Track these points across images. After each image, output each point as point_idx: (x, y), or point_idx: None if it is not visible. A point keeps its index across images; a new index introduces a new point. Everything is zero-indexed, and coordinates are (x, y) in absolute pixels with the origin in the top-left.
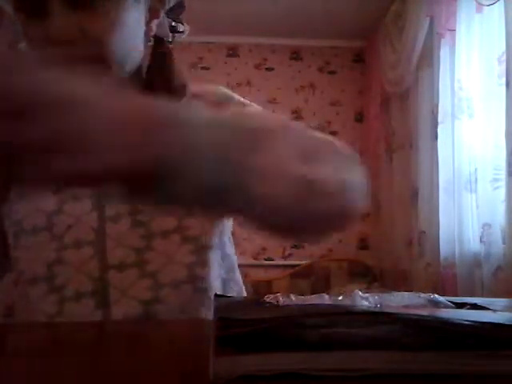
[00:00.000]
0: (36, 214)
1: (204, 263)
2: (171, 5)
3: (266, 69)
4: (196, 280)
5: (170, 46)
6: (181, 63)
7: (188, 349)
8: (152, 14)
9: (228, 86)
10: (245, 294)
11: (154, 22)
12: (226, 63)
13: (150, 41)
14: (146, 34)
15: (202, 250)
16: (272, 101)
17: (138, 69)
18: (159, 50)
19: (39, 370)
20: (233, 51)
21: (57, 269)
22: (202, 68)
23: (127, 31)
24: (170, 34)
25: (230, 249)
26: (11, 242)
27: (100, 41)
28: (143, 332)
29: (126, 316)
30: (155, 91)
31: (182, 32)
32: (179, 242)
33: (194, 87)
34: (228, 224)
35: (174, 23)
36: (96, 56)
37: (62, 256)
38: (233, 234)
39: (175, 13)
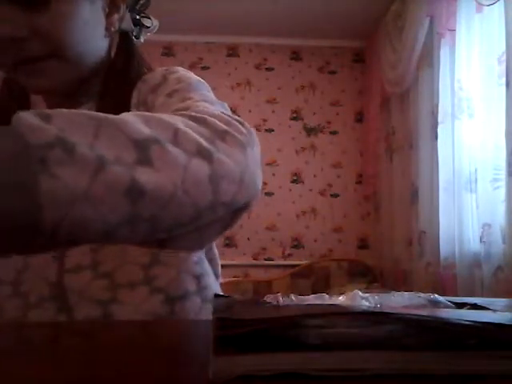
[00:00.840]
0: None
1: (162, 264)
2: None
3: (266, 69)
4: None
5: (139, 41)
6: (181, 63)
7: (187, 349)
8: (112, 8)
9: (228, 86)
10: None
11: (115, 17)
12: (226, 63)
13: (113, 36)
14: (107, 28)
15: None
16: (272, 101)
17: (104, 64)
18: (122, 44)
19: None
20: (233, 51)
21: (23, 275)
22: (202, 68)
23: (82, 27)
24: (134, 28)
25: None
26: None
27: (51, 39)
28: (142, 332)
29: (87, 318)
30: (111, 86)
31: (148, 27)
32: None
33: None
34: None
35: (138, 17)
36: (49, 54)
37: (28, 262)
38: (233, 234)
39: (139, 7)
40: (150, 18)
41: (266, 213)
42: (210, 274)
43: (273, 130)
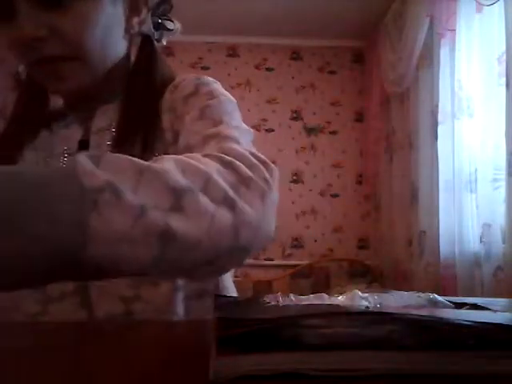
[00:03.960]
0: None
1: None
2: (155, 2)
3: (266, 69)
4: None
5: (160, 44)
6: (181, 63)
7: (188, 349)
8: (132, 11)
9: (228, 86)
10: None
11: (135, 20)
12: (225, 63)
13: (133, 38)
14: (127, 31)
15: None
16: (272, 101)
17: (123, 65)
18: (144, 47)
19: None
20: (233, 51)
21: None
22: (202, 68)
23: (102, 29)
24: (155, 32)
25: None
26: None
27: (71, 39)
28: (142, 333)
29: (109, 315)
30: (136, 89)
31: (171, 30)
32: None
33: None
34: None
35: (160, 20)
36: (69, 55)
37: None
38: None
39: (161, 10)
40: (172, 21)
41: None
42: (228, 275)
43: (273, 130)
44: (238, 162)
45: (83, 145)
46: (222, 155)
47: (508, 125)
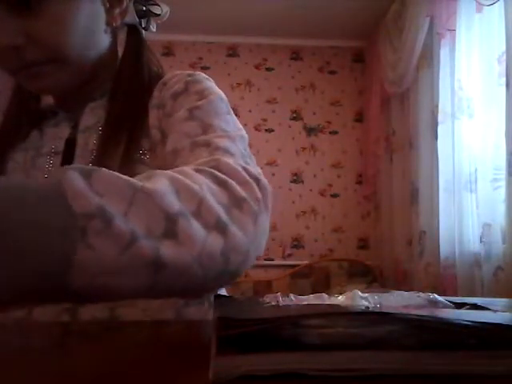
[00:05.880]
0: None
1: None
2: None
3: (266, 69)
4: None
5: (150, 31)
6: (181, 63)
7: (188, 349)
8: (113, 2)
9: (228, 86)
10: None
11: (117, 11)
12: (225, 63)
13: (117, 30)
14: (109, 24)
15: None
16: (272, 101)
17: (110, 60)
18: (130, 38)
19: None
20: (233, 51)
21: None
22: (202, 68)
23: (80, 29)
24: (141, 20)
25: None
26: None
27: (48, 44)
28: (142, 332)
29: (94, 319)
30: (123, 85)
31: (158, 15)
32: None
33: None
34: None
35: (144, 7)
36: (49, 58)
37: None
38: None
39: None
40: (158, 5)
41: None
42: None
43: (273, 130)
44: (230, 181)
45: (70, 143)
46: (215, 172)
47: (508, 125)
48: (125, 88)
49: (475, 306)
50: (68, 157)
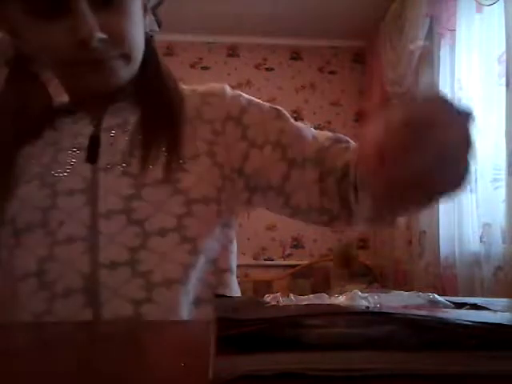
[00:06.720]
0: (30, 211)
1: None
2: (156, 1)
3: (266, 69)
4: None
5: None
6: (181, 63)
7: (188, 349)
8: (144, 10)
9: (228, 86)
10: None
11: (147, 19)
12: (225, 63)
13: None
14: (143, 29)
15: (198, 251)
16: (272, 101)
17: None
18: (150, 44)
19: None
20: (233, 51)
21: (48, 265)
22: (202, 68)
23: (137, 28)
24: (158, 29)
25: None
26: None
27: (126, 40)
28: (142, 332)
29: (116, 316)
30: (153, 87)
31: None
32: (178, 242)
33: (199, 86)
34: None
35: (155, 19)
36: (121, 55)
37: (53, 252)
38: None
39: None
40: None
41: (265, 213)
42: (234, 277)
43: None
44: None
45: (94, 141)
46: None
47: (508, 125)
48: (154, 94)
49: (475, 306)
50: (92, 153)
